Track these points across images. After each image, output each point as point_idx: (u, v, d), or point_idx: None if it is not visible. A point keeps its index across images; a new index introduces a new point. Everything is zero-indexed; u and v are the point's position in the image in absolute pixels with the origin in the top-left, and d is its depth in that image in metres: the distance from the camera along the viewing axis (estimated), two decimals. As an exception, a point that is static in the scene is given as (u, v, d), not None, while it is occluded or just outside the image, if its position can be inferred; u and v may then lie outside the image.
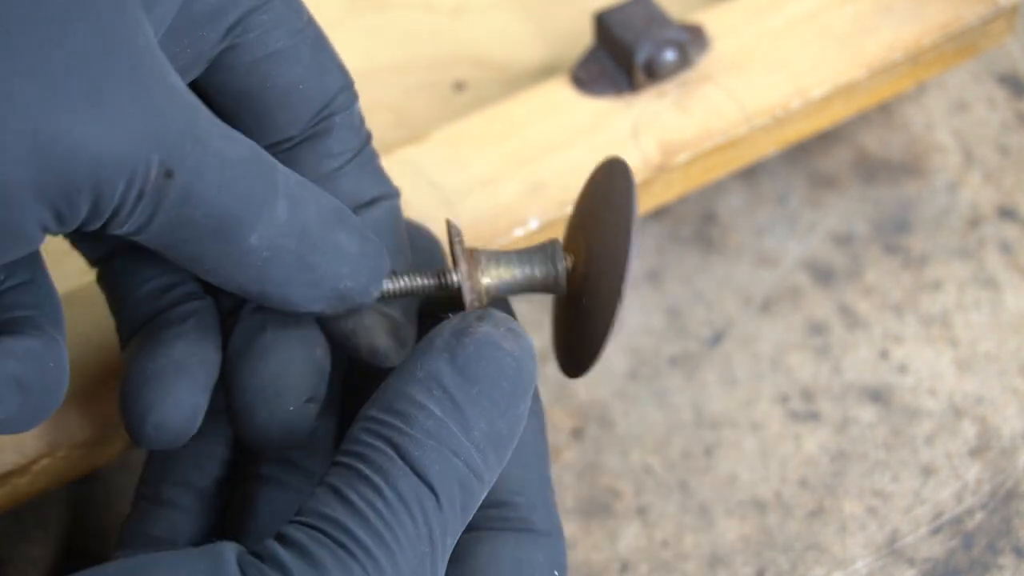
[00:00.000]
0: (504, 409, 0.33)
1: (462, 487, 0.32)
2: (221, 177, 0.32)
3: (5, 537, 0.48)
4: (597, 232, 0.37)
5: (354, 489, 0.31)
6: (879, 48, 0.52)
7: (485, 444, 0.32)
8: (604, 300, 0.36)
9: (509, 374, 0.33)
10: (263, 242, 0.33)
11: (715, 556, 0.47)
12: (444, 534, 0.31)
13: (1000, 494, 0.48)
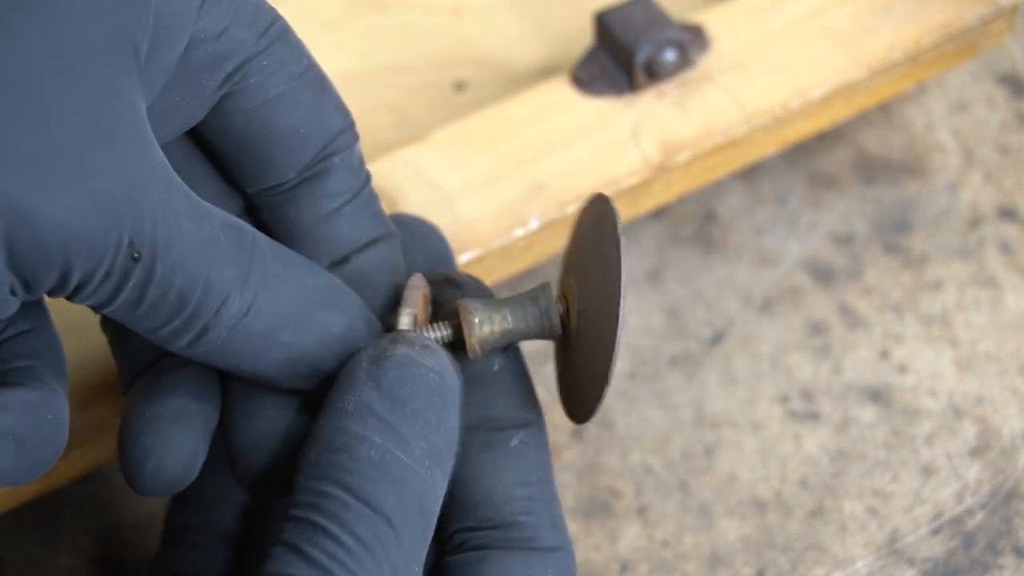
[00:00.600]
0: (438, 424, 0.33)
1: (420, 511, 0.32)
2: (185, 260, 0.31)
3: (5, 537, 0.48)
4: (587, 279, 0.37)
5: (312, 543, 0.30)
6: (879, 48, 0.52)
7: (429, 462, 0.32)
8: (599, 348, 0.36)
9: (435, 388, 0.33)
10: (227, 321, 0.33)
11: (715, 556, 0.47)
12: (409, 563, 0.31)
13: (1000, 494, 0.48)
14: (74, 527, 0.48)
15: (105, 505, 0.48)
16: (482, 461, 0.36)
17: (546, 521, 0.36)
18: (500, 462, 0.36)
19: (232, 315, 0.32)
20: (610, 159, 0.50)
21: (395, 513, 0.31)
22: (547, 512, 0.36)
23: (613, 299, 0.35)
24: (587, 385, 0.37)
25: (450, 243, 0.48)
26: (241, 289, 0.32)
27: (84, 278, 0.30)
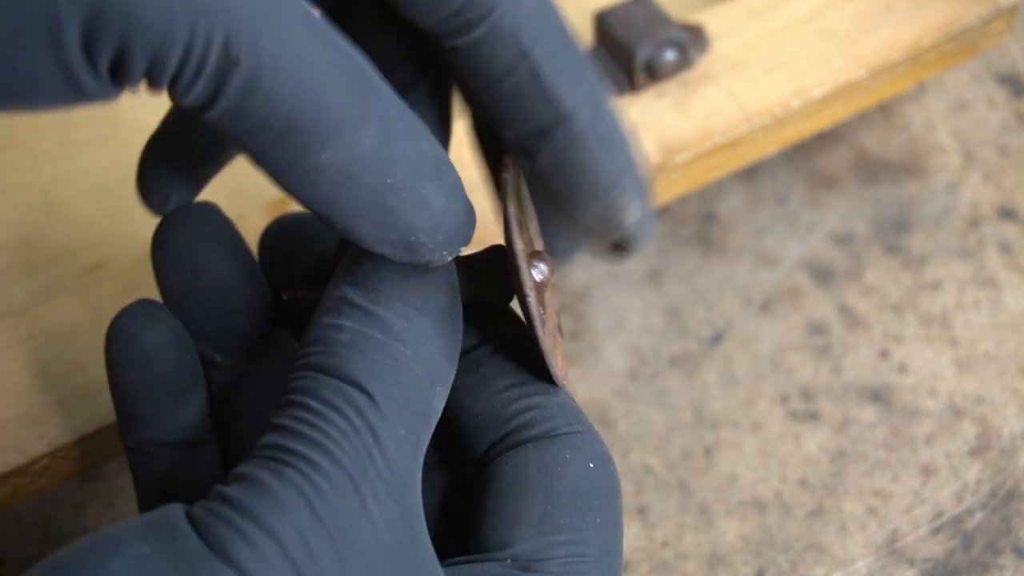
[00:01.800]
0: (421, 306, 0.32)
1: (398, 382, 0.31)
2: (297, 79, 0.30)
3: (6, 537, 0.48)
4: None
5: (285, 416, 0.30)
6: (879, 48, 0.52)
7: (411, 339, 0.32)
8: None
9: (415, 276, 0.33)
10: (336, 165, 0.31)
11: (715, 556, 0.47)
12: (389, 425, 0.30)
13: (1000, 494, 0.48)
14: (74, 527, 0.48)
15: (105, 505, 0.48)
16: (462, 385, 0.35)
17: (555, 411, 0.34)
18: (478, 380, 0.35)
19: (341, 160, 0.31)
20: (610, 159, 0.50)
21: (365, 379, 0.31)
22: (557, 405, 0.35)
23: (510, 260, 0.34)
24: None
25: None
26: (357, 130, 0.31)
27: (176, 70, 0.29)
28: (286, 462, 0.29)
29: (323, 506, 0.29)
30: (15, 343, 0.46)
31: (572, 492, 0.33)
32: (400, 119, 0.32)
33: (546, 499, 0.33)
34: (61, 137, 0.57)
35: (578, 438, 0.34)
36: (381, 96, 0.32)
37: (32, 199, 0.55)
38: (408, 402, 0.31)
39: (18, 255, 0.53)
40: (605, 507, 0.33)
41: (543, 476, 0.33)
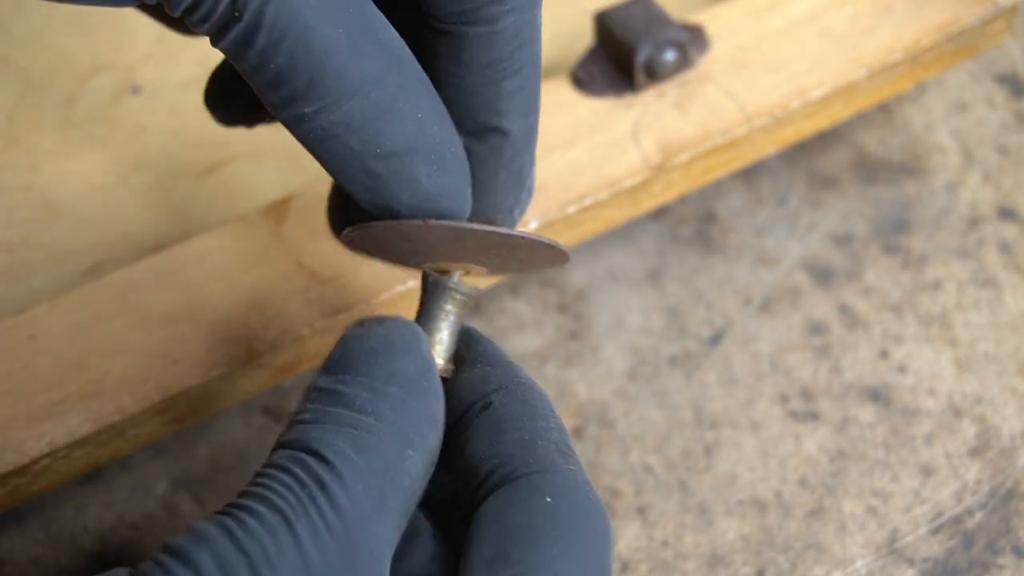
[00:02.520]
0: (387, 377, 0.34)
1: (356, 446, 0.32)
2: (293, 45, 0.33)
3: (6, 537, 0.48)
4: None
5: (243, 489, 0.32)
6: (878, 48, 0.52)
7: (374, 407, 0.33)
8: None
9: (383, 345, 0.35)
10: (318, 123, 0.34)
11: (715, 556, 0.47)
12: (342, 479, 0.32)
13: (1000, 494, 0.48)
14: (75, 527, 0.48)
15: (106, 504, 0.48)
16: (471, 430, 0.36)
17: (515, 456, 0.35)
18: (480, 428, 0.36)
19: (324, 119, 0.34)
20: (610, 159, 0.50)
21: (322, 447, 0.32)
22: (514, 448, 0.35)
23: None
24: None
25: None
26: (345, 100, 0.34)
27: (187, 5, 0.32)
28: (226, 512, 0.31)
29: (247, 539, 0.30)
30: (15, 343, 0.46)
31: (524, 527, 0.33)
32: (412, 99, 0.35)
33: (497, 541, 0.33)
34: (62, 137, 0.57)
35: (534, 478, 0.34)
36: (392, 71, 0.34)
37: (32, 199, 0.55)
38: (369, 463, 0.32)
39: (18, 255, 0.53)
40: (565, 536, 0.33)
41: (495, 521, 0.33)
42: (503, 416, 0.36)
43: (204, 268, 0.47)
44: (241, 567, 0.30)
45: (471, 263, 0.39)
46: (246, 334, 0.46)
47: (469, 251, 0.38)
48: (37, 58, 0.59)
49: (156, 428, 0.46)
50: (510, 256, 0.39)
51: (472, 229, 0.36)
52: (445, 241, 0.37)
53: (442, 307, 0.39)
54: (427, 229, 0.36)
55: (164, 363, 0.45)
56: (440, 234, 0.37)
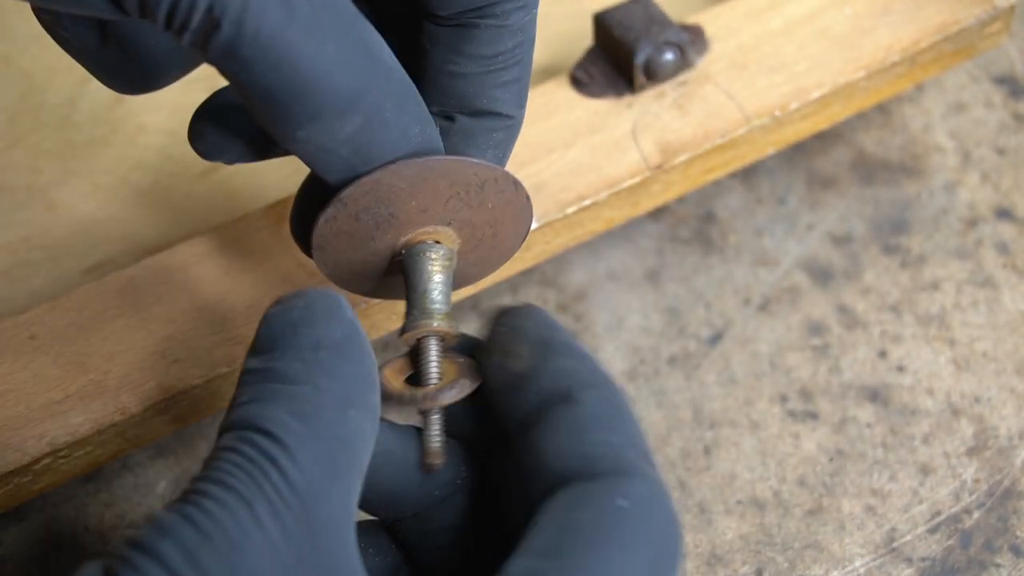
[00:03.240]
0: (314, 344, 0.34)
1: (296, 414, 0.32)
2: (277, 62, 0.33)
3: (8, 536, 0.48)
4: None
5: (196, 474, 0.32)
6: (877, 49, 0.52)
7: (307, 376, 0.33)
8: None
9: (304, 315, 0.34)
10: (311, 141, 0.35)
11: (714, 555, 0.47)
12: (290, 452, 0.32)
13: (997, 493, 0.48)
14: (76, 526, 0.48)
15: (106, 504, 0.49)
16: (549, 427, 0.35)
17: (600, 456, 0.34)
18: (565, 424, 0.35)
19: (316, 137, 0.35)
20: (609, 159, 0.50)
21: (264, 422, 0.32)
22: (604, 448, 0.34)
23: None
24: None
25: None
26: (337, 118, 0.34)
27: (164, 22, 0.32)
28: (185, 500, 0.31)
29: (210, 524, 0.30)
30: (16, 343, 0.46)
31: (589, 524, 0.32)
32: (398, 108, 0.35)
33: (558, 532, 0.32)
34: (63, 137, 0.57)
35: (613, 479, 0.33)
36: (382, 85, 0.35)
37: (34, 199, 0.55)
38: (314, 430, 0.32)
39: (19, 255, 0.53)
40: (629, 542, 0.31)
41: (562, 513, 0.32)
42: (591, 415, 0.35)
43: (204, 268, 0.48)
44: (208, 554, 0.30)
45: (440, 224, 0.39)
46: (247, 334, 0.46)
47: (438, 200, 0.39)
48: (38, 59, 0.59)
49: (157, 428, 0.46)
50: (479, 207, 0.40)
51: (440, 160, 0.37)
52: (415, 192, 0.38)
53: (423, 268, 0.39)
54: (397, 174, 0.37)
55: (165, 363, 0.45)
56: (410, 178, 0.37)
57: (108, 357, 0.46)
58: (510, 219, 0.41)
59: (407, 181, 0.37)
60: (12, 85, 0.59)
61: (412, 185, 0.38)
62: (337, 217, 0.38)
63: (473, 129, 0.40)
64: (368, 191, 0.37)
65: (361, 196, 0.37)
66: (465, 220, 0.40)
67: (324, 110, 0.34)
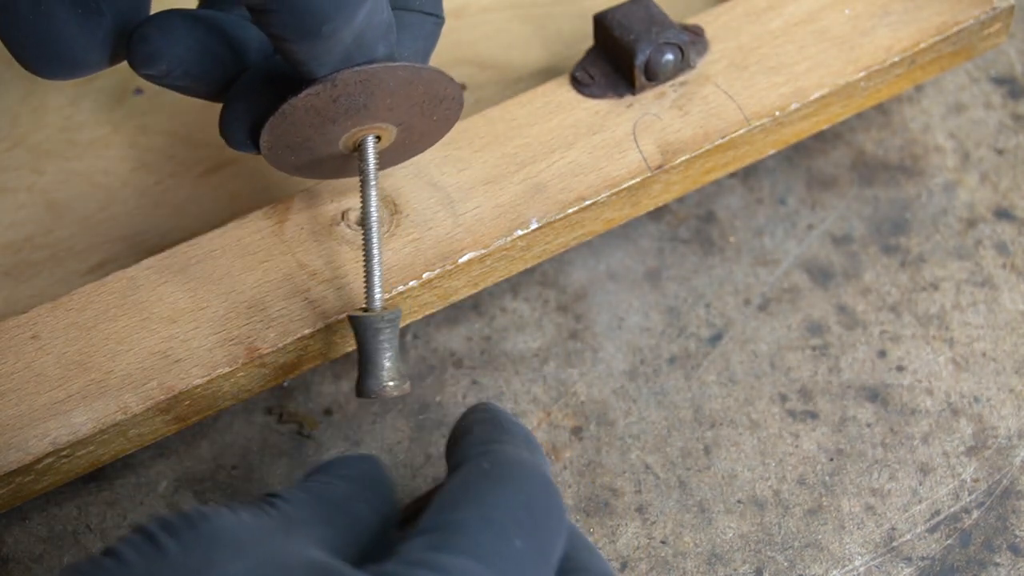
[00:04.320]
0: (338, 472, 0.40)
1: (306, 490, 0.38)
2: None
3: (10, 535, 0.48)
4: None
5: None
6: (877, 50, 0.53)
7: (326, 482, 0.39)
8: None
9: (328, 459, 0.42)
10: (334, 33, 0.38)
11: (714, 554, 0.47)
12: (291, 502, 0.37)
13: (997, 492, 0.48)
14: (78, 525, 0.48)
15: (109, 503, 0.49)
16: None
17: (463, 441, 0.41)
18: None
19: (343, 31, 0.39)
20: (610, 160, 0.50)
21: (284, 492, 0.38)
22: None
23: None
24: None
25: (450, 243, 0.48)
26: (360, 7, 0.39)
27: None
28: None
29: (193, 512, 0.34)
30: (18, 343, 0.46)
31: (459, 486, 0.37)
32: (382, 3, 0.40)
33: (438, 499, 0.37)
34: (65, 138, 0.57)
35: (478, 457, 0.38)
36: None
37: (35, 199, 0.55)
38: (319, 498, 0.38)
39: (21, 255, 0.53)
40: (495, 488, 0.36)
41: (440, 489, 0.38)
42: (477, 434, 0.41)
43: (206, 268, 0.48)
44: (180, 521, 0.34)
45: (380, 122, 0.44)
46: (248, 334, 0.46)
47: (408, 102, 0.43)
48: (40, 59, 0.59)
49: (158, 427, 0.46)
50: (426, 117, 0.45)
51: (428, 70, 0.42)
52: (396, 92, 0.42)
53: (376, 339, 0.43)
54: (393, 73, 0.42)
55: (166, 363, 0.45)
56: (401, 79, 0.42)
57: (110, 357, 0.46)
58: (432, 136, 0.47)
59: (397, 82, 0.42)
60: (14, 86, 0.59)
61: (399, 86, 0.42)
62: (320, 94, 0.41)
63: (409, 22, 0.45)
64: (362, 80, 0.41)
65: (353, 83, 0.41)
66: (410, 124, 0.45)
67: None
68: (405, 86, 0.42)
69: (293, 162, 0.45)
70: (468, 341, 0.53)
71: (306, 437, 0.50)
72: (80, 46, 0.42)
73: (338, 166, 0.46)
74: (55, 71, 0.43)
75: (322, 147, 0.44)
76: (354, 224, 0.49)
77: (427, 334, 0.53)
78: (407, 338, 0.53)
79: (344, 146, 0.45)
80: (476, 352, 0.52)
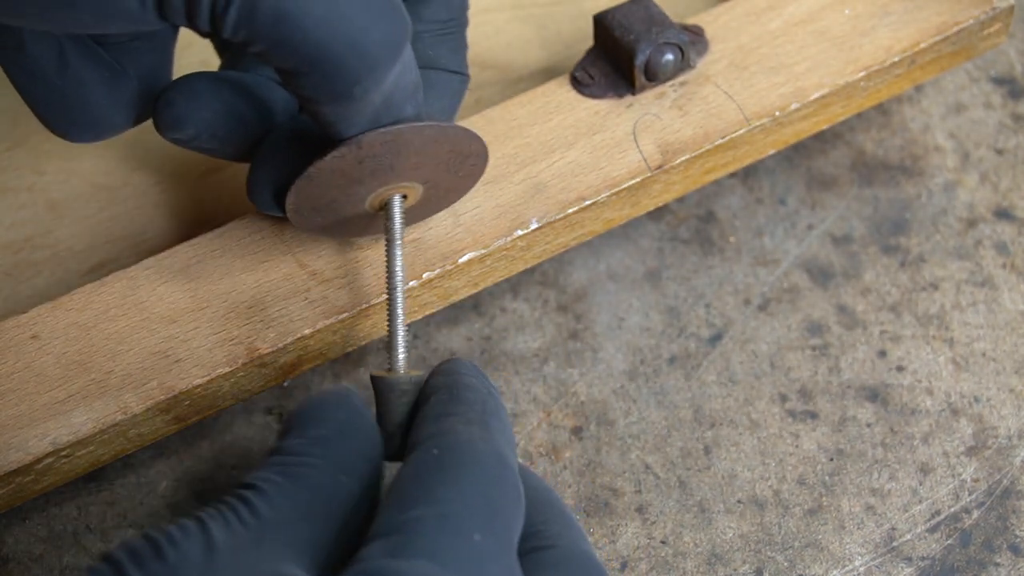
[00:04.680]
0: (318, 426, 0.38)
1: (282, 472, 0.37)
2: (326, 16, 0.36)
3: (10, 535, 0.48)
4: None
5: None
6: (876, 50, 0.53)
7: (304, 449, 0.38)
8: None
9: (310, 408, 0.39)
10: (365, 95, 0.38)
11: (714, 554, 0.47)
12: (266, 495, 0.36)
13: (997, 492, 0.48)
14: (78, 525, 0.48)
15: (109, 503, 0.49)
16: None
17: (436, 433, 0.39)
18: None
19: (373, 93, 0.39)
20: (610, 160, 0.50)
21: (257, 480, 0.36)
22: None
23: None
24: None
25: (450, 243, 0.48)
26: (388, 69, 0.38)
27: (209, 12, 0.36)
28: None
29: (156, 532, 0.34)
30: (18, 343, 0.46)
31: (412, 475, 0.36)
32: (410, 53, 0.39)
33: (392, 490, 0.36)
34: (64, 138, 0.57)
35: (427, 442, 0.38)
36: (407, 35, 0.38)
37: (36, 199, 0.55)
38: (296, 484, 0.36)
39: (22, 255, 0.53)
40: (449, 476, 0.36)
41: (398, 474, 0.37)
42: (432, 407, 0.40)
43: (206, 268, 0.48)
44: (146, 550, 0.33)
45: (419, 181, 0.43)
46: (248, 334, 0.46)
47: (434, 160, 0.43)
48: (40, 59, 0.59)
49: (159, 427, 0.46)
50: (451, 174, 0.44)
51: (455, 128, 0.42)
52: (422, 151, 0.42)
53: (400, 401, 0.42)
54: (419, 132, 0.41)
55: (167, 363, 0.45)
56: (427, 138, 0.42)
57: (110, 357, 0.46)
58: (458, 191, 0.46)
59: (423, 141, 0.42)
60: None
61: (425, 145, 0.42)
62: (346, 156, 0.41)
63: (435, 81, 0.45)
64: (387, 140, 0.41)
65: (379, 144, 0.41)
66: (436, 181, 0.44)
67: (380, 61, 0.37)
68: (431, 145, 0.42)
69: (319, 223, 0.45)
70: (468, 341, 0.53)
71: (306, 437, 0.50)
72: (107, 109, 0.42)
73: (364, 225, 0.46)
74: (82, 135, 0.43)
75: (348, 208, 0.44)
76: None
77: (427, 334, 0.53)
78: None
79: (370, 206, 0.44)
80: (476, 352, 0.52)
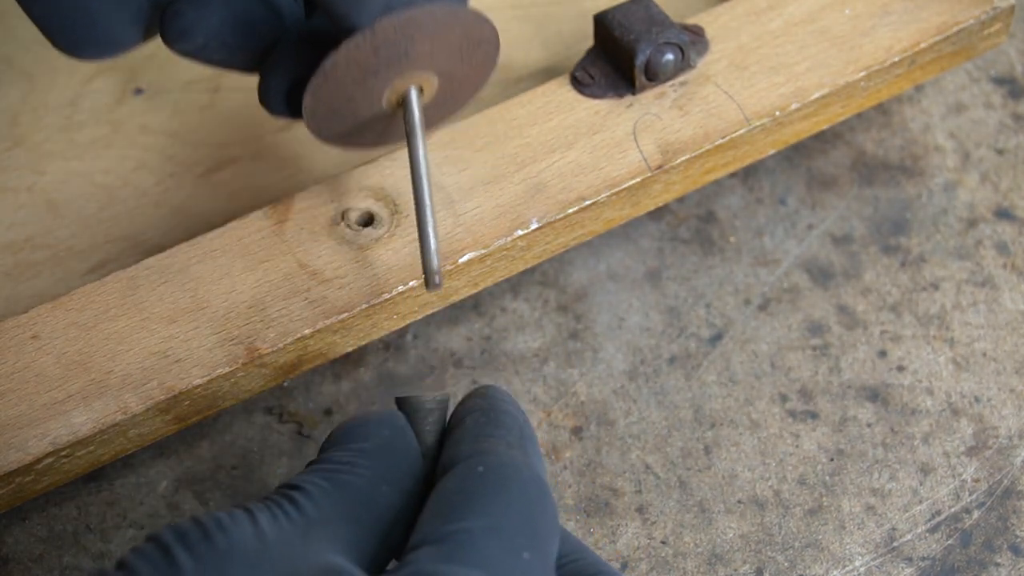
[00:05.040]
0: (363, 441, 0.39)
1: (327, 478, 0.38)
2: None
3: (10, 535, 0.48)
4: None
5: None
6: (877, 50, 0.53)
7: (349, 460, 0.39)
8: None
9: (354, 425, 0.40)
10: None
11: (714, 554, 0.47)
12: (311, 495, 0.37)
13: (997, 492, 0.48)
14: (78, 525, 0.48)
15: (108, 503, 0.49)
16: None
17: (457, 440, 0.40)
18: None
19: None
20: (610, 160, 0.50)
21: (303, 482, 0.37)
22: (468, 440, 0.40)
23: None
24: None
25: (450, 243, 0.48)
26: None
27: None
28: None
29: (206, 517, 0.34)
30: (18, 343, 0.46)
31: (456, 491, 0.37)
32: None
33: (434, 504, 0.37)
34: (65, 138, 0.57)
35: (472, 459, 0.38)
36: None
37: (36, 199, 0.55)
38: (339, 488, 0.37)
39: (22, 255, 0.53)
40: (493, 497, 0.36)
41: (435, 493, 0.37)
42: (470, 428, 0.40)
43: (206, 268, 0.48)
44: (195, 533, 0.33)
45: (433, 71, 0.43)
46: (248, 334, 0.46)
47: (447, 47, 0.42)
48: (40, 60, 0.59)
49: (158, 427, 0.46)
50: (465, 63, 0.43)
51: (465, 10, 0.41)
52: (435, 36, 0.41)
53: (422, 421, 0.41)
54: (431, 14, 0.40)
55: (166, 363, 0.45)
56: (440, 21, 0.41)
57: (110, 357, 0.46)
58: (473, 84, 0.45)
59: (436, 24, 0.41)
60: (14, 86, 0.59)
61: (437, 29, 0.41)
62: (360, 46, 0.40)
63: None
64: (401, 25, 0.40)
65: (392, 29, 0.40)
66: (450, 72, 0.44)
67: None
68: (443, 29, 0.42)
69: (336, 129, 0.44)
70: (468, 341, 0.53)
71: (306, 437, 0.50)
72: (115, 23, 0.41)
73: (382, 130, 0.45)
74: (90, 50, 0.42)
75: (365, 107, 0.43)
76: (354, 224, 0.49)
77: (427, 334, 0.53)
78: (407, 338, 0.53)
79: (388, 103, 0.44)
80: (476, 352, 0.52)
